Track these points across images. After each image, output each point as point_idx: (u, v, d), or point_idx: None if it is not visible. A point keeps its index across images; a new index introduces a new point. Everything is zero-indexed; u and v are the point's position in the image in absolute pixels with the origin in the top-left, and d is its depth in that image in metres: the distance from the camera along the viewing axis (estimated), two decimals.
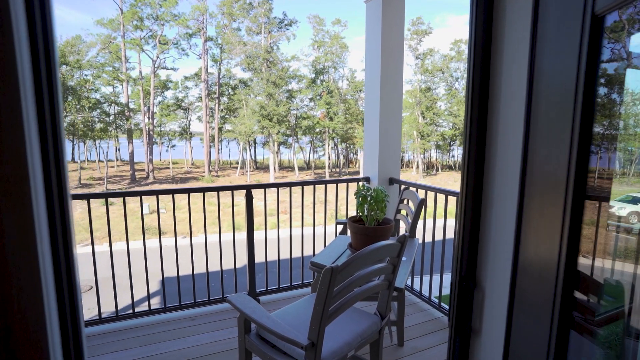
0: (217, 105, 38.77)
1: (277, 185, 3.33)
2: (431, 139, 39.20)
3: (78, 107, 27.84)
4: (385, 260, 1.61)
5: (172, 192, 2.95)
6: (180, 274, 3.20)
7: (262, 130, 29.95)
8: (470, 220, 0.91)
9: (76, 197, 2.74)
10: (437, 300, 3.22)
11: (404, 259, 2.19)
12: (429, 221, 3.19)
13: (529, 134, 0.75)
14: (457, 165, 51.42)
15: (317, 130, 36.26)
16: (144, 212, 19.31)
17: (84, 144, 42.69)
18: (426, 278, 3.35)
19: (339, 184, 3.63)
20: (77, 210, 19.83)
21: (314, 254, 3.81)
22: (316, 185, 3.52)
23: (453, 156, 55.78)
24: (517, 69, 0.81)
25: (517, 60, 0.80)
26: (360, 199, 2.11)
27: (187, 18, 32.61)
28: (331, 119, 33.71)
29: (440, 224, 3.20)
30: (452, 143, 48.21)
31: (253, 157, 46.95)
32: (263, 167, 45.27)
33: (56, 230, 0.57)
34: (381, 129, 3.57)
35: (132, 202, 23.26)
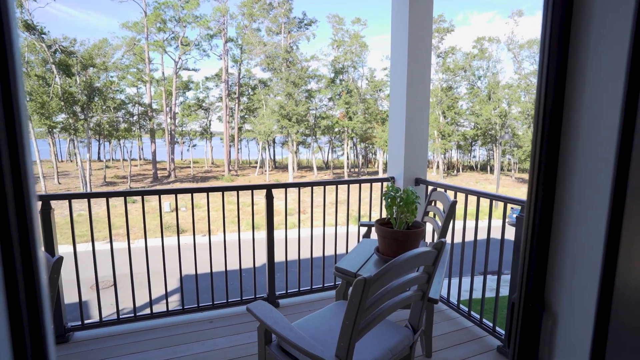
0: (237, 105, 39.17)
1: (299, 185, 3.20)
2: (452, 139, 38.43)
3: (104, 107, 28.62)
4: (420, 268, 1.46)
5: (191, 191, 2.87)
6: (199, 272, 3.13)
7: (282, 130, 30.04)
8: (538, 230, 0.75)
9: (95, 195, 2.70)
10: (466, 308, 3.03)
11: None
12: (458, 223, 3.01)
13: (634, 129, 0.58)
14: (478, 166, 50.21)
15: (336, 130, 36.09)
16: (166, 210, 19.63)
17: (109, 143, 43.97)
18: (453, 282, 3.17)
19: (362, 184, 3.48)
20: (101, 208, 20.34)
21: (335, 256, 3.68)
22: (338, 186, 3.38)
23: (474, 156, 54.49)
24: (611, 46, 0.63)
25: (613, 36, 0.63)
26: (389, 200, 1.96)
27: (208, 19, 33.05)
28: (350, 118, 33.49)
29: (469, 225, 3.01)
30: (473, 143, 47.09)
31: (272, 157, 47.27)
32: (282, 167, 45.47)
33: (10, 232, 0.50)
34: (407, 127, 3.40)
35: (154, 200, 23.76)
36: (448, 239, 2.81)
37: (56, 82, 24.74)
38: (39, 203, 2.59)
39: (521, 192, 28.13)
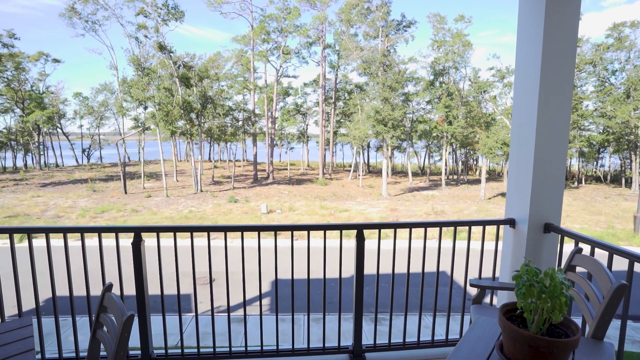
0: (333, 109, 39.81)
1: (395, 226, 2.73)
2: (573, 145, 33.16)
3: (214, 114, 31.67)
4: None
5: (275, 228, 2.64)
6: (284, 277, 2.89)
7: (377, 135, 29.44)
8: None
9: (181, 229, 2.64)
10: None
11: None
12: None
13: None
14: (608, 177, 42.44)
15: (434, 134, 34.05)
16: (262, 212, 20.69)
17: (218, 145, 48.76)
18: None
19: (472, 227, 2.85)
20: (208, 205, 22.29)
21: (436, 291, 3.12)
22: (442, 228, 2.81)
23: (602, 165, 46.21)
24: None
25: None
26: (522, 288, 1.40)
27: (307, 28, 34.19)
28: (450, 123, 31.23)
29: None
30: (602, 150, 39.97)
31: (366, 161, 46.92)
32: (376, 171, 44.82)
33: None
34: (537, 155, 2.63)
35: (254, 201, 25.43)
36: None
37: (178, 93, 28.17)
38: (132, 235, 2.62)
39: None
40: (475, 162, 49.07)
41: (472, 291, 2.59)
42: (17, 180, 31.85)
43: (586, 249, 2.31)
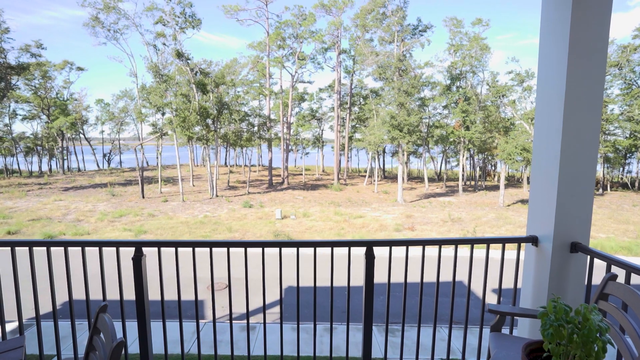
0: (348, 115, 39.68)
1: (407, 243, 2.56)
2: (598, 151, 31.93)
3: (230, 119, 31.98)
4: None
5: (280, 245, 2.51)
6: (291, 285, 2.76)
7: (392, 140, 29.11)
8: None
9: (182, 244, 2.53)
10: None
11: None
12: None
13: None
14: (635, 183, 40.76)
15: (451, 140, 33.45)
16: (277, 217, 20.64)
17: (234, 150, 49.25)
18: None
19: (490, 245, 2.65)
20: (223, 210, 22.39)
21: (452, 309, 2.93)
22: (458, 245, 2.62)
23: (630, 171, 44.47)
24: None
25: None
26: (550, 329, 1.22)
27: (323, 34, 34.28)
28: (467, 128, 30.61)
29: None
30: (629, 155, 38.46)
31: (381, 166, 46.54)
32: (391, 177, 44.37)
33: None
34: (563, 165, 2.42)
35: (268, 207, 25.45)
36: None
37: (195, 99, 28.59)
38: (132, 249, 2.54)
39: None
40: (493, 168, 48.03)
41: (491, 302, 2.40)
42: (42, 184, 32.85)
43: (619, 272, 2.09)
